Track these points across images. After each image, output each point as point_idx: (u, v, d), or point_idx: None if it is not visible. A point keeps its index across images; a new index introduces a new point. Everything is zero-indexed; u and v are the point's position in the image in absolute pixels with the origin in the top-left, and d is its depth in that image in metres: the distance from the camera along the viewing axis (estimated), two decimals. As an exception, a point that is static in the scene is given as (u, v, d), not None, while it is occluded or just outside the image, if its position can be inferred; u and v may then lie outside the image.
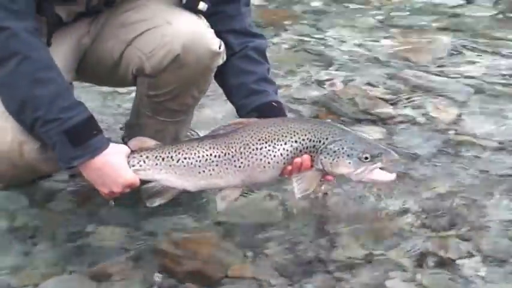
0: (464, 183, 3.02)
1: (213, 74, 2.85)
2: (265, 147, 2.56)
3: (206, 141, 2.60)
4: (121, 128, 3.31)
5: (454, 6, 5.11)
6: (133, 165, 2.57)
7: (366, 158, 2.55)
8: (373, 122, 3.55)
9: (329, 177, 2.63)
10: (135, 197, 2.60)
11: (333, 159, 2.55)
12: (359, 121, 3.55)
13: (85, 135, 2.47)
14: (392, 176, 2.60)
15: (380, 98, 3.76)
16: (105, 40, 2.83)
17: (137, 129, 3.02)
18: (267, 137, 2.57)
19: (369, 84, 3.93)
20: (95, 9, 2.80)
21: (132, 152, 2.59)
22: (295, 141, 2.56)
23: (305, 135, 2.57)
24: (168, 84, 2.79)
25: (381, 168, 2.58)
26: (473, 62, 4.22)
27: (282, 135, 2.57)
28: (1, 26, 2.44)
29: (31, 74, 2.44)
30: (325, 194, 2.91)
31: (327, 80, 3.99)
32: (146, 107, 2.94)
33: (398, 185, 2.93)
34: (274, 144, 2.56)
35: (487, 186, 2.99)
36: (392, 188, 2.91)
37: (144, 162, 2.58)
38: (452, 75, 4.03)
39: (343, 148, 2.55)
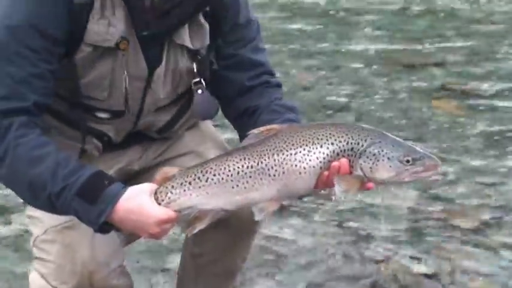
0: None
1: (255, 237, 2.91)
2: (300, 152, 2.41)
3: (235, 153, 2.45)
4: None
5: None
6: (162, 200, 2.42)
7: (408, 161, 2.39)
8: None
9: (369, 185, 2.45)
10: None
11: (373, 163, 2.40)
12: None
13: (97, 189, 2.38)
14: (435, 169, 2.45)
15: (422, 275, 3.72)
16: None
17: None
18: (301, 141, 2.42)
19: (411, 258, 3.90)
20: (146, 135, 2.84)
21: (158, 187, 2.45)
22: (332, 144, 2.41)
23: (342, 137, 2.42)
24: (212, 239, 2.83)
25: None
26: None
27: (318, 138, 2.42)
28: None
29: (25, 157, 2.40)
30: None
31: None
32: (190, 271, 2.97)
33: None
34: (310, 148, 2.41)
35: None
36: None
37: (172, 193, 2.42)
38: (496, 247, 4.00)
39: (383, 150, 2.40)
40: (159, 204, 2.42)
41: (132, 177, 2.88)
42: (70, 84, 2.58)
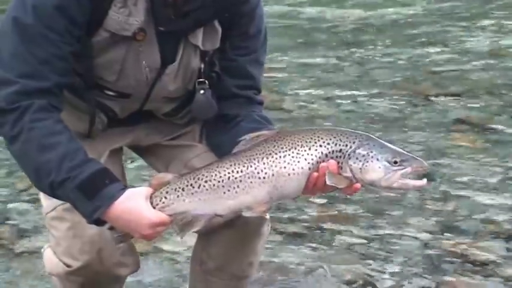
0: None
1: (262, 241, 2.95)
2: (289, 155, 2.48)
3: (226, 160, 2.54)
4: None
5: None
6: (157, 204, 2.52)
7: (396, 162, 2.45)
8: None
9: (357, 186, 2.50)
10: None
11: (363, 164, 2.46)
12: None
13: (97, 187, 2.48)
14: (423, 182, 2.50)
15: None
16: (163, 161, 3.00)
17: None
18: (290, 144, 2.50)
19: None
20: (153, 114, 2.94)
21: (154, 191, 2.54)
22: (320, 146, 2.48)
23: (330, 139, 2.49)
24: (218, 241, 2.91)
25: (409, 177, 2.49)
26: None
27: (306, 141, 2.50)
28: (13, 107, 2.52)
29: (36, 142, 2.50)
30: None
31: None
32: (199, 283, 3.05)
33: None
34: (298, 150, 2.48)
35: None
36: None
37: (166, 198, 2.53)
38: (508, 280, 3.97)
39: (372, 151, 2.46)
40: (154, 207, 2.52)
41: (142, 151, 3.05)
42: (84, 61, 2.69)
